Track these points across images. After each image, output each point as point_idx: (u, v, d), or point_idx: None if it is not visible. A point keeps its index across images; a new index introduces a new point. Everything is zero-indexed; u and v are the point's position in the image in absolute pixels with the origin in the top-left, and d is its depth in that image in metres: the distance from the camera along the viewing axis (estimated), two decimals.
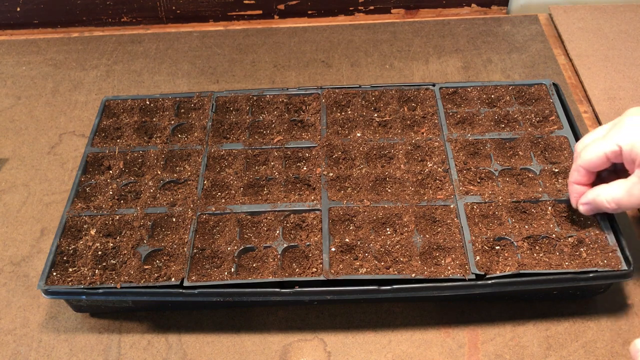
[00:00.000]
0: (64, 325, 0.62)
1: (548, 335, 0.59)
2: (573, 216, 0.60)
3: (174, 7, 0.98)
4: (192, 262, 0.58)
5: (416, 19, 0.99)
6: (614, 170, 0.58)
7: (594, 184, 0.57)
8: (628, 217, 0.69)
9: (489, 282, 0.55)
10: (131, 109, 0.74)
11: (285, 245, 0.59)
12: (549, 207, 0.61)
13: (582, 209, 0.57)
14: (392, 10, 1.00)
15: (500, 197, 0.61)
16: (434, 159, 0.66)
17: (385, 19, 1.00)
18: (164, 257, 0.59)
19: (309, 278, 0.56)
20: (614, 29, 0.93)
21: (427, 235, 0.59)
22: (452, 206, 0.61)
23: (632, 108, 0.54)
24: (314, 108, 0.73)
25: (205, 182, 0.65)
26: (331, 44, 0.94)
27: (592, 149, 0.54)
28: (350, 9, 0.99)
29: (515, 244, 0.58)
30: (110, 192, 0.65)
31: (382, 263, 0.57)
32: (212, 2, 0.97)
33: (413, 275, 0.55)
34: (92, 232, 0.61)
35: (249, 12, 0.99)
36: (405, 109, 0.73)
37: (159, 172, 0.66)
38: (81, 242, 0.60)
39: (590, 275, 0.55)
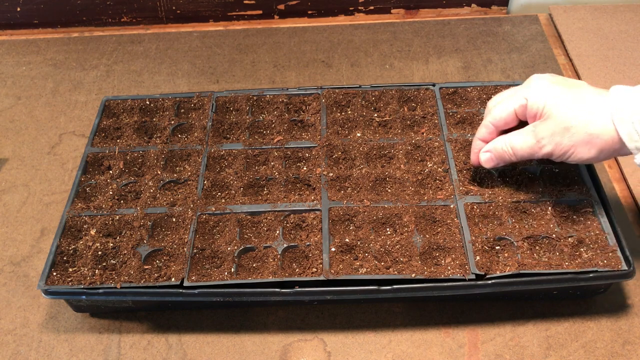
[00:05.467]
0: (64, 325, 0.62)
1: (548, 335, 0.59)
2: (573, 216, 0.60)
3: (174, 7, 0.98)
4: (192, 262, 0.58)
5: (416, 19, 0.99)
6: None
7: None
8: (628, 217, 0.69)
9: (489, 282, 0.55)
10: (131, 109, 0.74)
11: (285, 245, 0.59)
12: (549, 207, 0.61)
13: (483, 157, 0.60)
14: (392, 10, 1.00)
15: (500, 197, 0.61)
16: (434, 159, 0.66)
17: (385, 19, 1.00)
18: (164, 257, 0.59)
19: (309, 278, 0.56)
20: (614, 29, 0.93)
21: (427, 235, 0.59)
22: (452, 206, 0.61)
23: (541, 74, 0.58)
24: (314, 108, 0.73)
25: (205, 182, 0.65)
26: (331, 44, 0.94)
27: (501, 106, 0.57)
28: (350, 9, 0.99)
29: (515, 244, 0.58)
30: (110, 192, 0.65)
31: (382, 263, 0.57)
32: (212, 2, 0.97)
33: (413, 275, 0.55)
34: (92, 232, 0.61)
35: (249, 12, 0.99)
36: (405, 109, 0.73)
37: (159, 172, 0.66)
38: (81, 242, 0.60)
39: (590, 275, 0.55)
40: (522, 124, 0.57)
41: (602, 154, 0.53)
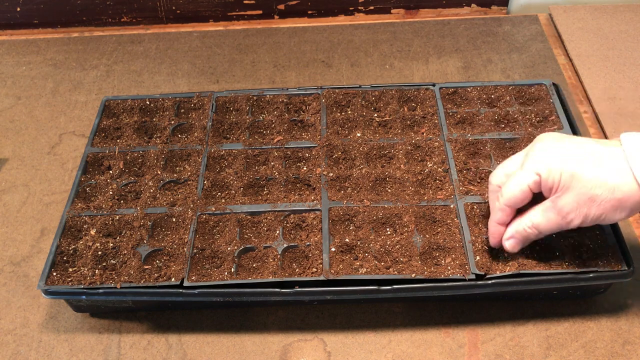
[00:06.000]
0: (64, 325, 0.62)
1: (548, 335, 0.59)
2: None
3: (174, 7, 0.98)
4: (192, 262, 0.58)
5: (416, 19, 0.99)
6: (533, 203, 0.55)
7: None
8: None
9: (489, 282, 0.55)
10: (131, 109, 0.74)
11: (285, 245, 0.59)
12: None
13: (508, 245, 0.55)
14: (392, 10, 1.00)
15: None
16: (434, 159, 0.66)
17: (385, 19, 1.00)
18: (164, 257, 0.59)
19: (309, 278, 0.56)
20: (614, 29, 0.93)
21: (427, 235, 0.59)
22: (452, 206, 0.61)
23: (541, 134, 0.54)
24: (314, 108, 0.73)
25: (205, 182, 0.65)
26: (331, 44, 0.94)
27: (513, 184, 0.52)
28: (350, 9, 0.99)
29: None
30: (110, 192, 0.65)
31: (382, 263, 0.57)
32: (212, 2, 0.97)
33: (413, 275, 0.55)
34: (92, 232, 0.61)
35: (249, 12, 0.99)
36: (405, 109, 0.73)
37: (159, 172, 0.66)
38: (81, 242, 0.60)
39: (590, 275, 0.55)
40: (536, 196, 0.53)
41: (633, 211, 0.50)
